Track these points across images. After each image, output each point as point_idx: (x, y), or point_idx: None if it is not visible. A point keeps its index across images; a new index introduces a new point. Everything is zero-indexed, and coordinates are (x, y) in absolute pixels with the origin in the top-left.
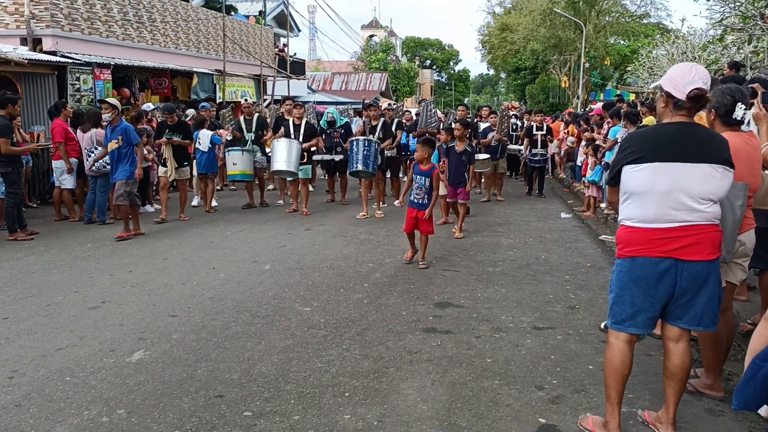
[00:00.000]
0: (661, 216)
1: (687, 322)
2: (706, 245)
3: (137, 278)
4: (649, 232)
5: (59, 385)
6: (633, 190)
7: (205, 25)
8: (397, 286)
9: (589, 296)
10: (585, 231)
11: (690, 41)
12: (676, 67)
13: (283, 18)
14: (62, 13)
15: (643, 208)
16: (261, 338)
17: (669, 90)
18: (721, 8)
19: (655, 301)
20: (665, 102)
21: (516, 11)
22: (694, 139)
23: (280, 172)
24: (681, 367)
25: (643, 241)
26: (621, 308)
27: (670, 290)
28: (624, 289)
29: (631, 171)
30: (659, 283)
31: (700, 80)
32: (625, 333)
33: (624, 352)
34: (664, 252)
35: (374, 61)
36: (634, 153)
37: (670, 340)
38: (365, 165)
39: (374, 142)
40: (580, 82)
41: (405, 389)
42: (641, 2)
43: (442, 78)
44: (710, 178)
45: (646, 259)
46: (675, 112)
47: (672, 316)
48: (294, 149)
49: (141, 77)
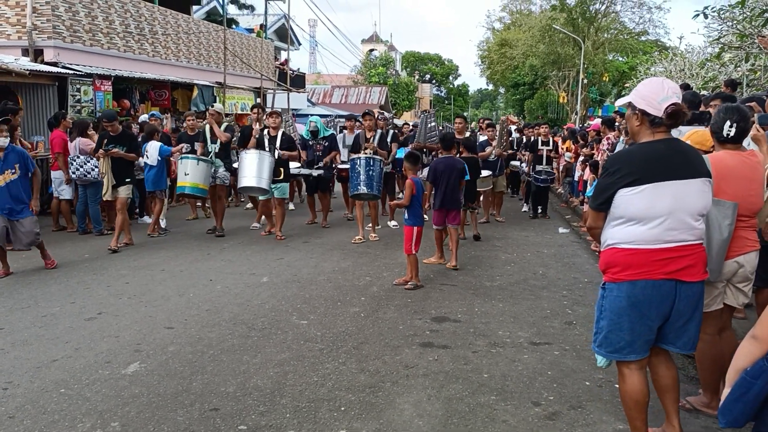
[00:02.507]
0: (660, 236)
1: (680, 347)
2: (700, 266)
3: (134, 289)
4: (650, 254)
5: (54, 396)
6: (633, 214)
7: (206, 38)
8: (395, 300)
9: (586, 312)
10: (582, 246)
11: (688, 58)
12: (646, 83)
13: (284, 31)
14: (64, 24)
15: (642, 230)
16: (257, 351)
17: (644, 108)
18: (719, 26)
19: (654, 324)
20: (640, 120)
21: (515, 27)
22: (682, 154)
23: (248, 189)
24: (672, 377)
25: (643, 264)
26: (618, 336)
27: (668, 313)
28: (622, 316)
29: (627, 194)
30: (660, 306)
31: (674, 95)
32: (637, 361)
33: (641, 381)
34: (666, 274)
35: (374, 75)
36: (628, 175)
37: (655, 356)
38: (369, 187)
39: (379, 161)
40: (579, 98)
41: (401, 404)
42: (640, 20)
43: (441, 92)
44: (702, 193)
45: (648, 282)
46: (654, 130)
47: (665, 340)
48: (266, 162)
49: (141, 89)
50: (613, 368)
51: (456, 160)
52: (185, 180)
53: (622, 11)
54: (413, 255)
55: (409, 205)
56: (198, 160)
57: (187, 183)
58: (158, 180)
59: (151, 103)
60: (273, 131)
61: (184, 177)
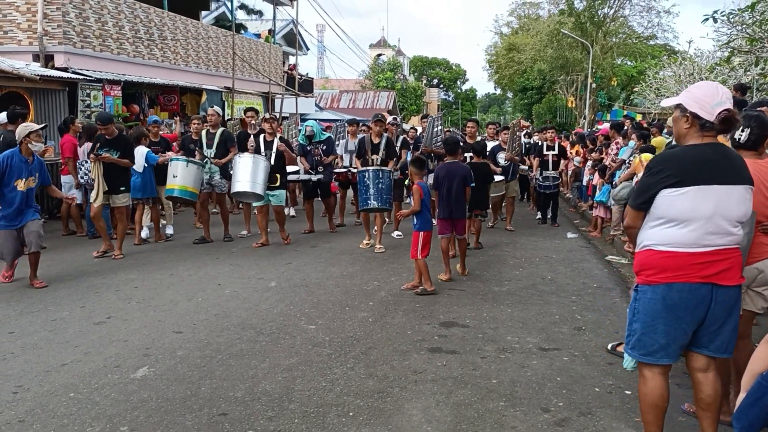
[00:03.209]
0: (699, 240)
1: (713, 350)
2: (737, 270)
3: (143, 294)
4: (688, 257)
5: (63, 401)
6: (674, 216)
7: (215, 43)
8: (403, 304)
9: (595, 317)
10: (591, 251)
11: (697, 63)
12: (700, 86)
13: (292, 36)
14: (74, 30)
15: (682, 233)
16: (265, 356)
17: (695, 111)
18: (729, 30)
19: (689, 328)
20: (690, 123)
21: (523, 32)
22: (728, 159)
23: (241, 195)
24: (715, 397)
25: (682, 267)
26: (653, 338)
27: (703, 317)
28: (657, 319)
29: (670, 195)
30: (696, 310)
31: (728, 100)
32: (660, 365)
33: (662, 386)
34: (703, 277)
35: (382, 80)
36: (672, 176)
37: (699, 370)
38: (379, 200)
39: (388, 172)
40: (587, 103)
41: (409, 409)
42: (648, 24)
43: (449, 97)
44: (744, 200)
45: (685, 285)
46: (703, 134)
47: (698, 343)
48: (261, 167)
49: (151, 94)
50: (624, 374)
51: (460, 166)
52: (174, 182)
53: (631, 15)
54: (421, 260)
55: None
56: (188, 162)
57: (176, 186)
58: (145, 187)
59: (160, 107)
60: (269, 136)
61: (173, 179)
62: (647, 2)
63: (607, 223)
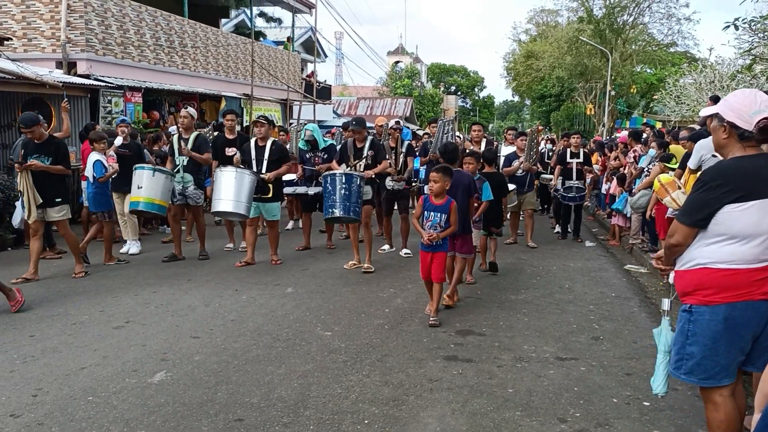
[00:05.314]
0: (760, 256)
1: (760, 366)
2: None
3: (161, 299)
4: (749, 274)
5: (82, 404)
6: (736, 232)
7: (235, 51)
8: (419, 312)
9: (613, 327)
10: (610, 260)
11: (718, 70)
12: (737, 94)
13: (310, 44)
14: (97, 38)
15: (744, 249)
16: (281, 362)
17: (732, 120)
18: (750, 38)
19: (747, 347)
20: (728, 133)
21: (542, 39)
22: None
23: (222, 214)
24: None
25: (744, 285)
26: (714, 361)
27: (759, 333)
28: (718, 341)
29: (735, 210)
30: (756, 327)
31: (767, 108)
32: (728, 386)
33: (735, 408)
34: (764, 294)
35: (399, 87)
36: (734, 190)
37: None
38: (345, 210)
39: (355, 177)
40: (606, 110)
41: (425, 418)
42: (668, 31)
43: (466, 104)
44: None
45: (749, 303)
46: (744, 144)
47: (747, 360)
48: (245, 182)
49: (170, 100)
50: (642, 385)
51: (463, 175)
52: (138, 194)
53: (651, 23)
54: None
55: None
56: (154, 170)
57: (141, 198)
58: (98, 200)
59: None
60: (261, 141)
61: (138, 191)
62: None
63: (626, 231)
